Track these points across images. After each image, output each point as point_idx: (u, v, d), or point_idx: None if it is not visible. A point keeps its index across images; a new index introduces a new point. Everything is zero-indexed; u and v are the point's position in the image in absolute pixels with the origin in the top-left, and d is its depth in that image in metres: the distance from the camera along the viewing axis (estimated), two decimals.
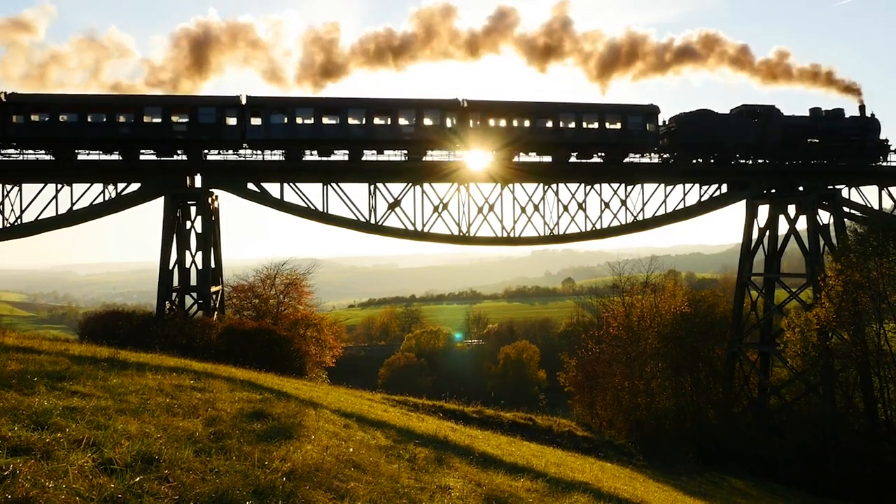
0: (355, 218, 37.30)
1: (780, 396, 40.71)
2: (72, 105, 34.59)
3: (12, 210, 34.74)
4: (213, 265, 36.31)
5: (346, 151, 36.67)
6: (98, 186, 35.26)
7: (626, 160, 39.71)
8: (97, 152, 35.07)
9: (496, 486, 8.65)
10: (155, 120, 34.99)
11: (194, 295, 36.15)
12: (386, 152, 37.29)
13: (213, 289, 36.33)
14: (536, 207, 39.01)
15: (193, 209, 36.06)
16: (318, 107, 36.46)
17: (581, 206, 39.57)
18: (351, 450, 8.23)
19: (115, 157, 35.11)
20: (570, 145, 38.79)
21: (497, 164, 38.06)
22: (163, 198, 35.14)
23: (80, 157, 34.92)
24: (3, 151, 34.50)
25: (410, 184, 37.62)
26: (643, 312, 41.72)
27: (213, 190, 36.39)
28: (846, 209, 41.43)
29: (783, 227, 41.14)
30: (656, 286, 45.55)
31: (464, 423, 20.06)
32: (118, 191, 35.34)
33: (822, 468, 32.25)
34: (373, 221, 37.51)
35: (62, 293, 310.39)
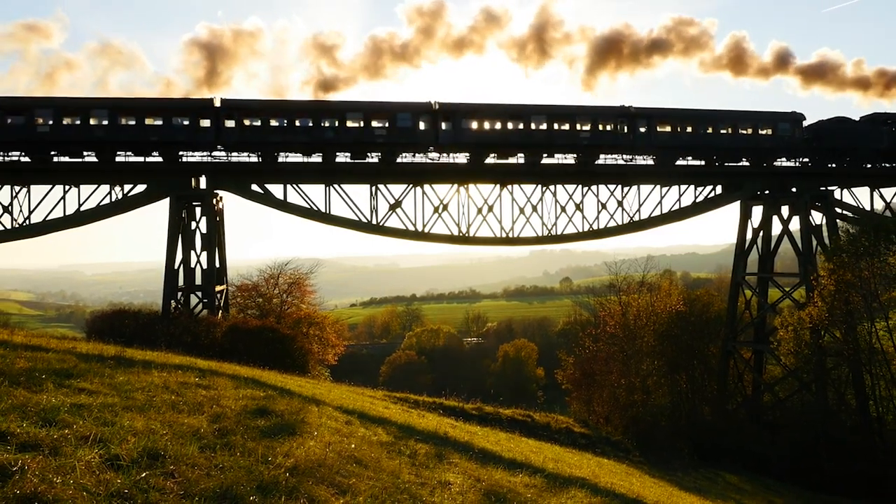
0: (357, 218, 37.29)
1: (773, 393, 40.72)
2: (280, 110, 35.62)
3: (21, 211, 34.76)
4: (217, 265, 36.28)
5: (349, 154, 36.70)
6: (105, 187, 35.28)
7: (625, 162, 39.73)
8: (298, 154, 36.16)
9: (495, 481, 8.64)
10: (356, 125, 35.95)
11: (199, 294, 36.12)
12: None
13: (218, 288, 36.31)
14: (535, 208, 39.03)
15: (198, 210, 36.03)
16: (510, 113, 37.68)
17: (578, 207, 39.58)
18: (353, 446, 8.22)
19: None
20: (725, 150, 40.39)
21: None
22: (168, 199, 35.13)
23: (87, 159, 34.96)
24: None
25: (411, 185, 37.63)
26: (639, 311, 41.72)
27: (217, 191, 36.38)
28: (838, 210, 41.47)
29: (777, 227, 41.24)
30: (652, 285, 45.56)
31: (463, 420, 20.06)
32: (125, 192, 35.35)
33: (815, 464, 32.26)
34: (374, 222, 37.50)
35: (70, 292, 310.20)
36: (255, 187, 36.20)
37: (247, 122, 35.44)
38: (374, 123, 36.17)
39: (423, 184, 37.67)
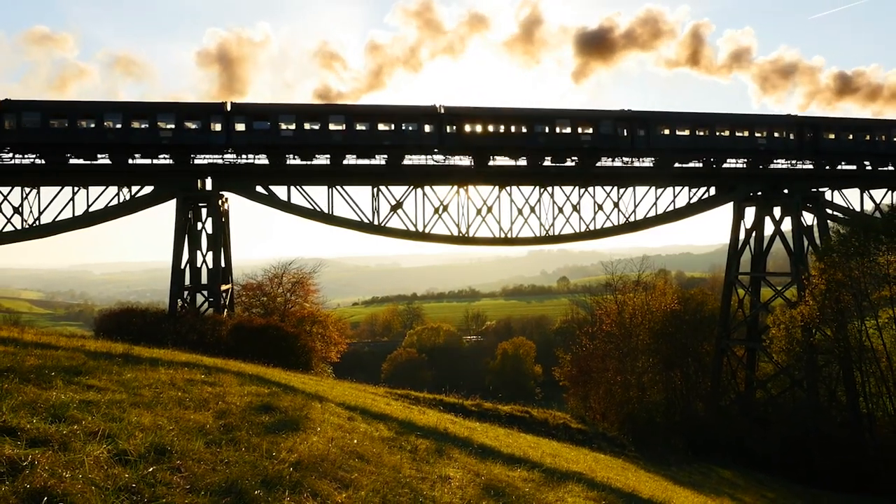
0: (359, 219, 37.28)
1: (765, 390, 40.74)
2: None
3: (31, 212, 34.77)
4: (223, 264, 36.29)
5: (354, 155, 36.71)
6: (113, 189, 35.29)
7: (619, 163, 39.74)
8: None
9: (494, 475, 8.64)
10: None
11: (205, 293, 36.12)
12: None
13: (223, 287, 36.31)
14: (532, 209, 39.03)
15: (204, 211, 36.04)
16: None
17: (575, 208, 39.57)
18: (355, 441, 8.22)
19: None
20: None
21: None
22: (175, 200, 35.13)
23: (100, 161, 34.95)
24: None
25: (412, 186, 37.63)
26: (635, 310, 41.74)
27: (222, 192, 36.39)
28: (829, 211, 41.46)
29: (769, 228, 41.21)
30: (647, 285, 45.57)
31: (463, 416, 20.05)
32: (132, 193, 35.35)
33: (806, 459, 32.25)
34: (376, 223, 37.50)
35: (79, 291, 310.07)
36: (259, 189, 36.20)
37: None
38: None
39: (423, 185, 37.69)
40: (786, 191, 40.73)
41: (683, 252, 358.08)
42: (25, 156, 34.34)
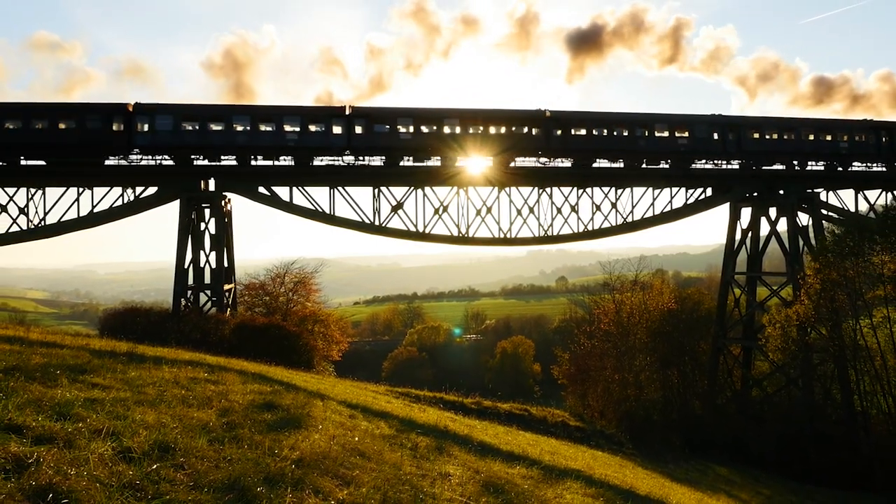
0: (360, 220, 37.27)
1: (761, 388, 40.73)
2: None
3: (36, 212, 34.79)
4: (225, 264, 36.27)
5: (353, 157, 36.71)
6: (117, 190, 35.29)
7: (616, 165, 39.73)
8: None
9: (493, 473, 8.64)
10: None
11: (208, 292, 36.09)
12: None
13: (226, 287, 36.30)
14: (532, 210, 39.01)
15: (207, 211, 36.00)
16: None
17: (574, 209, 39.57)
18: (356, 439, 8.22)
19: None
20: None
21: None
22: (178, 201, 35.12)
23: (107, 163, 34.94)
24: None
25: (412, 187, 37.62)
26: (632, 309, 41.71)
27: (225, 193, 36.37)
28: (824, 211, 41.45)
29: (765, 228, 41.25)
30: (645, 284, 45.53)
31: (463, 414, 20.03)
32: (136, 194, 35.34)
33: (801, 456, 32.28)
34: (377, 223, 37.49)
35: (83, 291, 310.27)
36: (262, 189, 36.19)
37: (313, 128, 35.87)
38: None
39: (423, 186, 37.68)
40: (781, 192, 40.74)
41: (680, 252, 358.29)
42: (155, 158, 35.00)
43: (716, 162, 40.14)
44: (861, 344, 33.28)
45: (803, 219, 40.50)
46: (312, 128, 35.44)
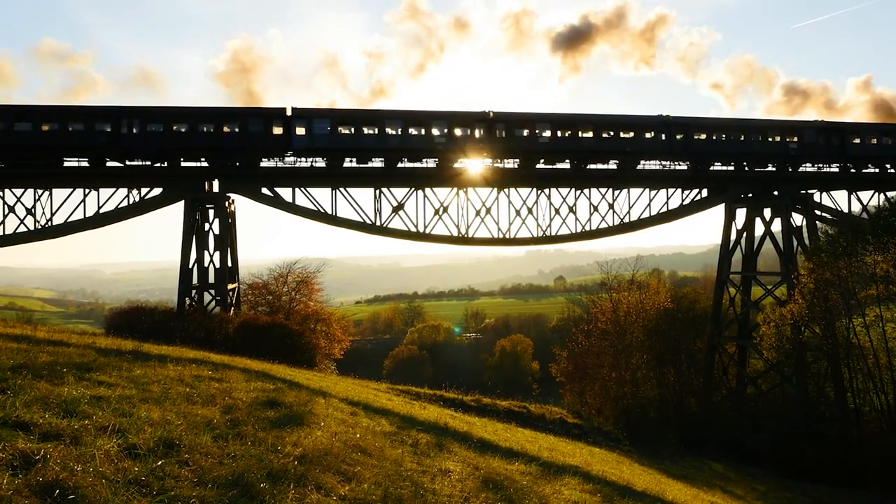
0: (362, 220, 37.26)
1: (756, 386, 40.72)
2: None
3: (43, 213, 34.77)
4: (229, 264, 36.25)
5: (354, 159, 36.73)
6: (123, 191, 35.28)
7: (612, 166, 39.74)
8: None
9: (493, 469, 8.64)
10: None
11: (212, 292, 36.10)
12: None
13: (230, 286, 36.29)
14: (530, 210, 39.02)
15: (211, 212, 36.01)
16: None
17: (571, 209, 39.57)
18: (358, 436, 8.22)
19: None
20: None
21: None
22: (183, 201, 35.11)
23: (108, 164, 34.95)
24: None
25: (413, 188, 37.62)
26: (629, 308, 41.69)
27: (229, 194, 36.36)
28: (818, 212, 41.45)
29: (759, 228, 41.21)
30: (641, 284, 45.51)
31: (463, 411, 20.05)
32: (142, 195, 35.34)
33: (795, 453, 32.27)
34: (378, 223, 37.49)
35: (90, 290, 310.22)
36: (265, 190, 36.19)
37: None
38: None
39: (423, 187, 37.68)
40: (776, 193, 40.74)
41: (676, 252, 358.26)
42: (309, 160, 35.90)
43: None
44: (854, 342, 33.28)
45: (797, 219, 40.53)
46: (458, 131, 36.50)
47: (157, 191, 35.39)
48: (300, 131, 34.84)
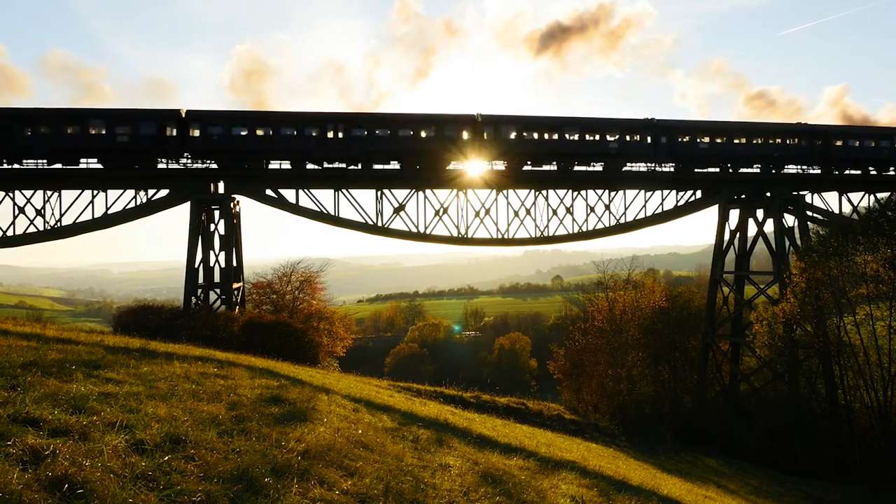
0: (364, 221, 37.28)
1: (749, 383, 40.69)
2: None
3: (53, 214, 34.78)
4: (234, 264, 36.27)
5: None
6: (130, 192, 35.29)
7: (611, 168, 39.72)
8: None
9: (492, 464, 8.64)
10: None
11: (218, 291, 36.10)
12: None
13: (235, 285, 36.30)
14: (528, 211, 39.02)
15: (217, 213, 36.02)
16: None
17: (569, 210, 39.57)
18: (360, 431, 8.22)
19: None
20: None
21: None
22: (189, 203, 35.12)
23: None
24: None
25: (414, 190, 37.63)
26: (625, 307, 41.71)
27: (234, 195, 36.38)
28: (809, 213, 41.44)
29: (752, 229, 41.23)
30: (637, 283, 45.54)
31: (462, 408, 20.04)
32: (149, 196, 35.35)
33: (788, 448, 32.24)
34: (380, 224, 37.50)
35: (98, 289, 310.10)
36: (269, 192, 36.20)
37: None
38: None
39: (424, 188, 37.68)
40: (768, 194, 40.73)
41: (671, 252, 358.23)
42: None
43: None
44: (845, 340, 33.26)
45: (789, 220, 40.50)
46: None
47: (163, 192, 35.41)
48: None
